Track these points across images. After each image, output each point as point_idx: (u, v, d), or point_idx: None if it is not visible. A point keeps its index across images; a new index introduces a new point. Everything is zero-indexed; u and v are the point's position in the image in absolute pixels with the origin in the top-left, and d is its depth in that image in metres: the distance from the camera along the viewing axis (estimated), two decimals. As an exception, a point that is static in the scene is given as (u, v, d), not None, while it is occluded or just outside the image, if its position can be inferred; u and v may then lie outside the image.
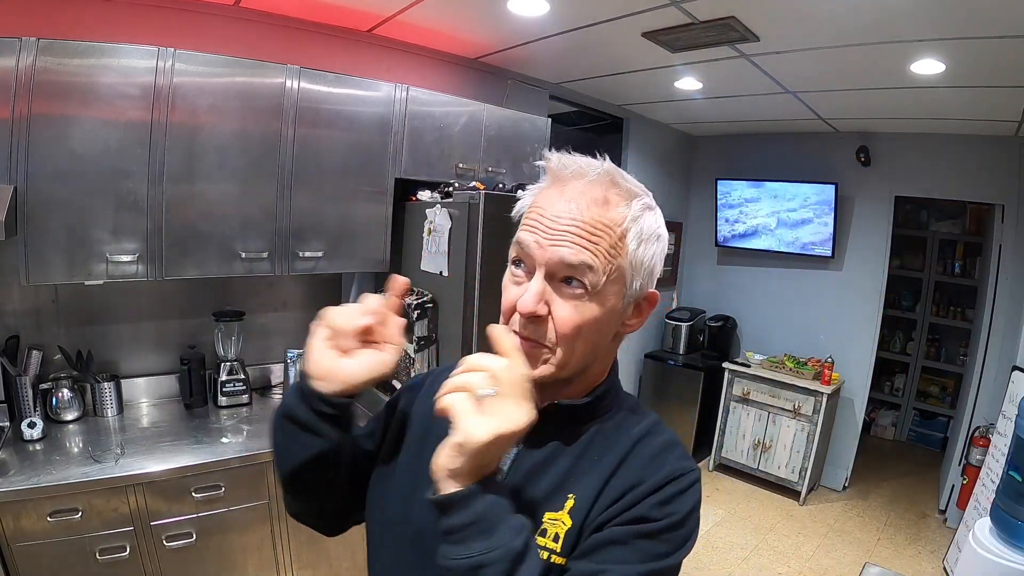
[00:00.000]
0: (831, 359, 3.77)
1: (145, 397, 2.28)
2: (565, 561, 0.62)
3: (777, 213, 4.13)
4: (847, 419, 3.99)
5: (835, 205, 3.85)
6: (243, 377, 2.32)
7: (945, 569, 3.04)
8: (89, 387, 2.09)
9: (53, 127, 1.67)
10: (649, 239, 0.66)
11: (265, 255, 2.09)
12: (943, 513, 3.65)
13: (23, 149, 1.63)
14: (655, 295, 0.70)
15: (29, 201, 1.66)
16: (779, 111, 3.49)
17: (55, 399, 1.99)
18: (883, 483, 4.14)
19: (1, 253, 1.88)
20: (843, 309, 3.99)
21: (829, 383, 3.67)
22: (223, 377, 2.28)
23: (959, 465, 3.46)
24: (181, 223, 1.91)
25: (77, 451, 1.82)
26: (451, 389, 0.57)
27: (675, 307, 4.60)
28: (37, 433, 1.84)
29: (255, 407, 2.34)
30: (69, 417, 2.01)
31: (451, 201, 2.10)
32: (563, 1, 2.10)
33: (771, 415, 3.87)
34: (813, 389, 3.67)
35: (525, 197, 0.70)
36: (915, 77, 2.47)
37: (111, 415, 2.10)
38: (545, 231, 0.63)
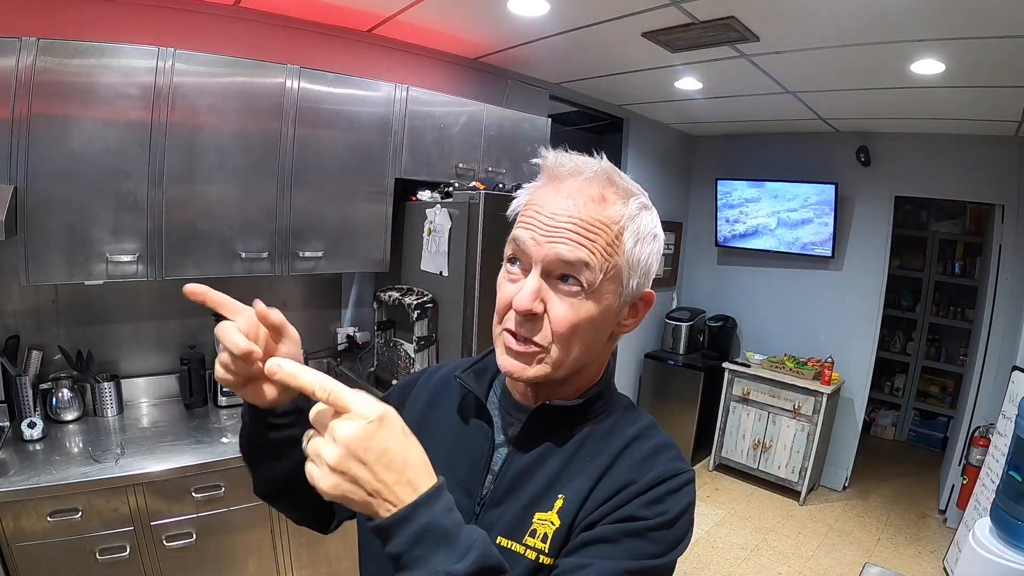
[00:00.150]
0: (831, 359, 3.76)
1: (145, 397, 2.28)
2: (553, 561, 0.62)
3: (777, 213, 4.12)
4: (847, 419, 3.99)
5: (835, 205, 3.85)
6: (243, 377, 2.32)
7: (945, 569, 3.04)
8: (89, 387, 2.09)
9: (53, 127, 1.67)
10: (646, 238, 0.66)
11: (265, 255, 2.09)
12: (943, 513, 3.65)
13: (23, 149, 1.63)
14: (651, 295, 0.70)
15: (29, 201, 1.66)
16: (779, 111, 3.49)
17: (55, 399, 1.99)
18: (883, 483, 4.14)
19: (1, 253, 1.87)
20: (843, 309, 3.99)
21: (829, 383, 3.66)
22: (223, 377, 2.28)
23: (959, 465, 3.46)
24: (181, 223, 1.92)
25: (77, 451, 1.82)
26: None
27: (675, 307, 4.60)
28: (37, 433, 1.84)
29: (255, 407, 2.33)
30: (69, 417, 2.01)
31: (451, 201, 2.10)
32: (563, 1, 2.10)
33: (771, 415, 3.87)
34: (813, 389, 3.67)
35: (521, 195, 0.69)
36: (915, 77, 2.47)
37: (111, 415, 2.10)
38: (542, 228, 0.63)
